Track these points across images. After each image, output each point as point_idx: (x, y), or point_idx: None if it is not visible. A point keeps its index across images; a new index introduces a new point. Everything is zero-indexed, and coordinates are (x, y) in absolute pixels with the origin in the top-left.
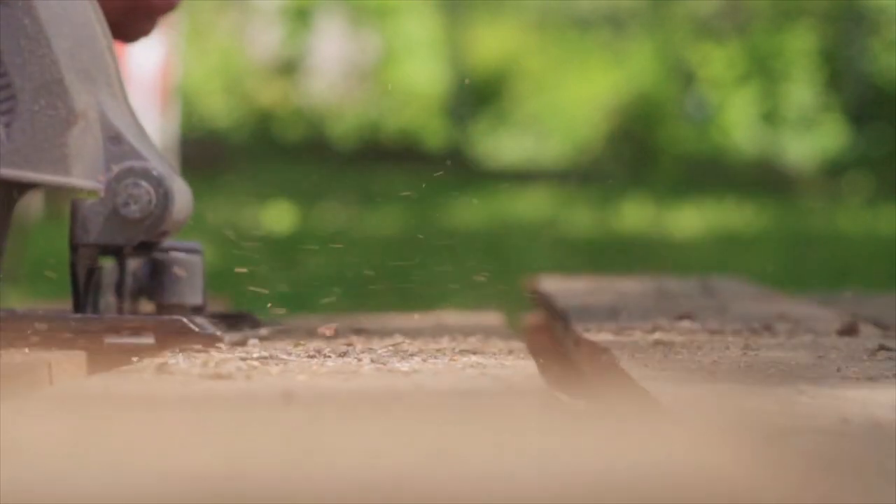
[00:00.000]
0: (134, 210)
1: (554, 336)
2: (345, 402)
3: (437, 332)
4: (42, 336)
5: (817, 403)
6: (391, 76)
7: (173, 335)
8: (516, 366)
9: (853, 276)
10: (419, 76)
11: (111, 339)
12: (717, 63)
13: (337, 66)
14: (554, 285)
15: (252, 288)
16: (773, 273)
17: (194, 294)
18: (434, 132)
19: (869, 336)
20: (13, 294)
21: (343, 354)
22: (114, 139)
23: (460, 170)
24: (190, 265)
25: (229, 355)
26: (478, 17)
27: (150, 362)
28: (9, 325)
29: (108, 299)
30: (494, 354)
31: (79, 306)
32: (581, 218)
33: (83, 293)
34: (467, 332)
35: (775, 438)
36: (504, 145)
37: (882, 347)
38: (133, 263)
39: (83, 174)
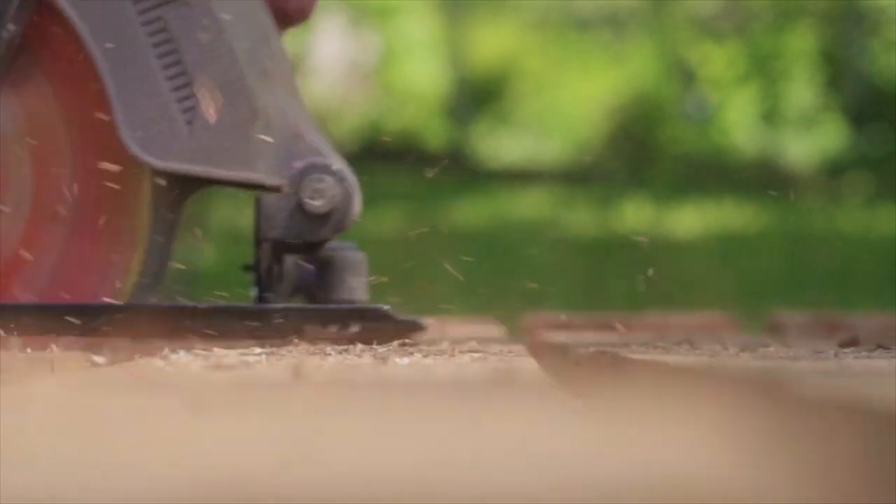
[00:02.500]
0: (320, 205)
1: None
2: (344, 394)
3: (437, 335)
4: (247, 329)
5: (814, 394)
6: (391, 76)
7: (378, 323)
8: (515, 363)
9: (853, 276)
10: (419, 76)
11: (314, 329)
12: (717, 63)
13: (337, 66)
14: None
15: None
16: (773, 273)
17: (361, 291)
18: (434, 132)
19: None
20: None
21: (343, 352)
22: (294, 136)
23: (460, 170)
24: (356, 263)
25: (231, 351)
26: (478, 17)
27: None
28: (216, 320)
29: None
30: (494, 354)
31: (262, 302)
32: (581, 218)
33: (267, 289)
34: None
35: (772, 429)
36: (504, 145)
37: (880, 346)
38: (289, 262)
39: (266, 171)
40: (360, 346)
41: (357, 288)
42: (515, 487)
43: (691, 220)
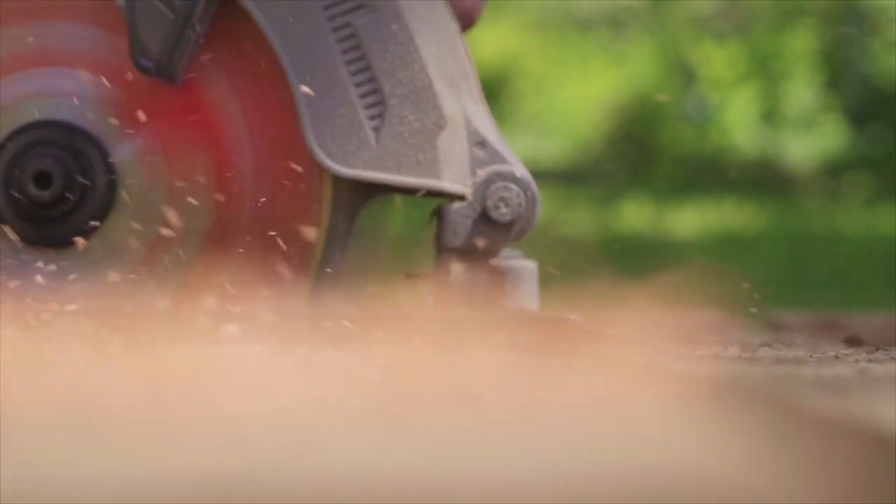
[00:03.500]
0: (505, 213)
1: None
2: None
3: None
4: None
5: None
6: None
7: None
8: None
9: (853, 276)
10: None
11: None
12: (717, 63)
13: None
14: None
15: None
16: (773, 273)
17: (532, 300)
18: None
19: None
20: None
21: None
22: (479, 144)
23: None
24: (527, 272)
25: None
26: None
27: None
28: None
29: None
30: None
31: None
32: (581, 218)
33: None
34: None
35: (770, 430)
36: None
37: (879, 349)
38: (459, 270)
39: (451, 178)
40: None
41: (528, 297)
42: (517, 486)
43: (691, 220)
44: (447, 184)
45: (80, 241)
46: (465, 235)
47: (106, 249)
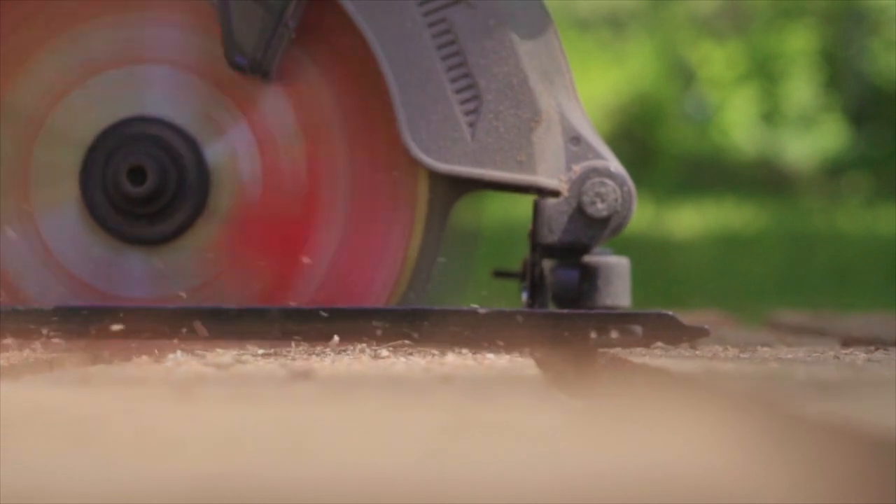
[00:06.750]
0: (601, 209)
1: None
2: (340, 396)
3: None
4: (524, 335)
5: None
6: None
7: (660, 329)
8: (515, 364)
9: (853, 276)
10: None
11: (596, 335)
12: (717, 63)
13: None
14: None
15: None
16: (773, 273)
17: (625, 297)
18: None
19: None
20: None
21: (342, 352)
22: (574, 139)
23: None
24: (620, 268)
25: (231, 352)
26: None
27: (147, 360)
28: (499, 325)
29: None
30: (494, 351)
31: (534, 306)
32: None
33: (539, 293)
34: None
35: (769, 430)
36: None
37: (879, 348)
38: (548, 266)
39: (546, 174)
40: (358, 347)
41: (621, 294)
42: (515, 486)
43: (691, 220)
44: (542, 179)
45: None
46: (560, 232)
47: (198, 247)
